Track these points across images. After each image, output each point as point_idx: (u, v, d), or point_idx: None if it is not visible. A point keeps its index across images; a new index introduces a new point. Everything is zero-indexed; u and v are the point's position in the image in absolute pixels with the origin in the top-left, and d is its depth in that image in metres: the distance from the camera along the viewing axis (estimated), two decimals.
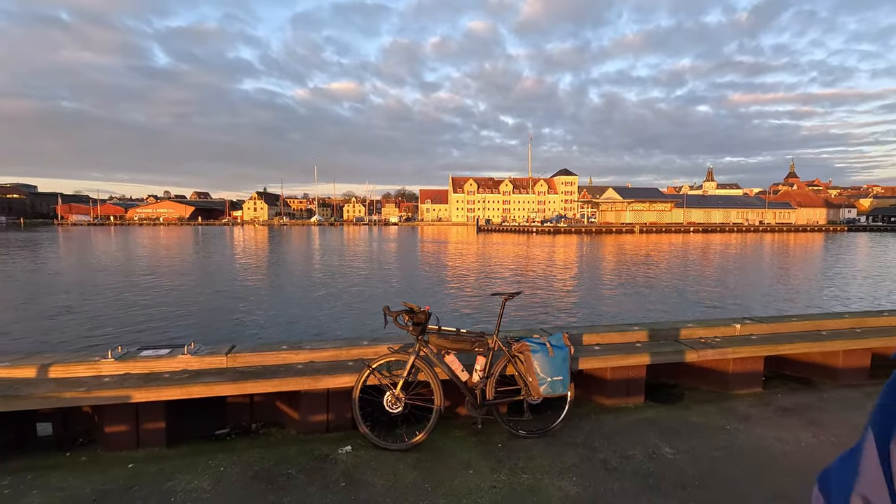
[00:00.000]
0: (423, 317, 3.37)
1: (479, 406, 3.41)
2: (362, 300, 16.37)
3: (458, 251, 41.18)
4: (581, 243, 54.20)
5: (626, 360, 4.00)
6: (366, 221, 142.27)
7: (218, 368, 3.49)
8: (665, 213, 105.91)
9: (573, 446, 3.31)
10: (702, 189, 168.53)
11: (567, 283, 21.37)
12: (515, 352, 3.44)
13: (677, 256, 36.40)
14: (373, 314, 13.76)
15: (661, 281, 22.25)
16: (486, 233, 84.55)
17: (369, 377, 3.36)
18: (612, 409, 3.96)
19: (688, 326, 4.64)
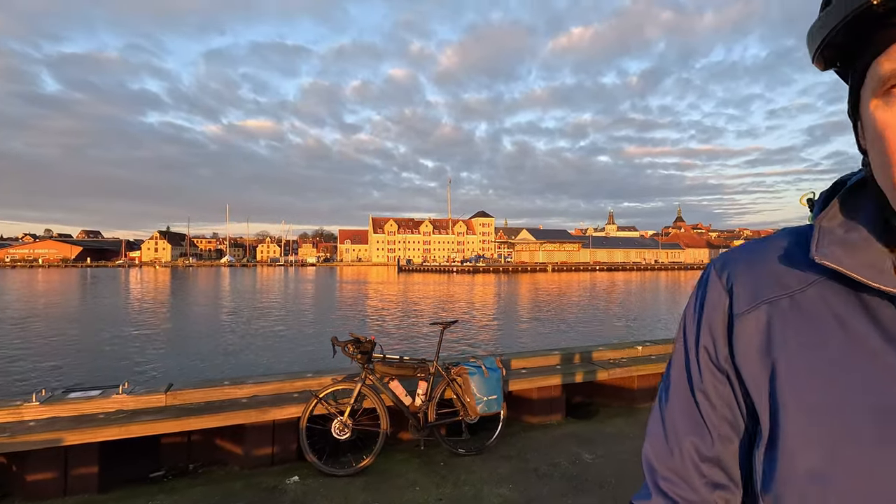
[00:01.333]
0: (369, 346, 3.62)
1: (422, 428, 3.67)
2: (273, 345, 15.79)
3: (379, 291, 40.98)
4: (499, 282, 56.38)
5: (549, 381, 4.49)
6: (281, 262, 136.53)
7: (157, 407, 3.43)
8: (574, 252, 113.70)
9: (507, 459, 3.66)
10: (604, 231, 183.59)
11: (490, 318, 22.19)
12: (454, 375, 3.78)
13: (586, 292, 39.20)
14: (287, 362, 13.34)
15: (573, 313, 23.90)
16: (407, 273, 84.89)
17: (317, 406, 3.50)
18: (539, 425, 4.39)
19: (598, 349, 5.28)
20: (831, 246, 0.46)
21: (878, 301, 0.44)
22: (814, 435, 0.44)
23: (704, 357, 0.55)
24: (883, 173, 0.41)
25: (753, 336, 0.50)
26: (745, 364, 0.51)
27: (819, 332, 0.46)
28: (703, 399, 0.55)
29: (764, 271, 0.52)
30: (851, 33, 0.41)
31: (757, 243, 0.56)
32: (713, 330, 0.54)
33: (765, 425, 0.49)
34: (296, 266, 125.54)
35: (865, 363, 0.43)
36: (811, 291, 0.48)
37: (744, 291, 0.52)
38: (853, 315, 0.45)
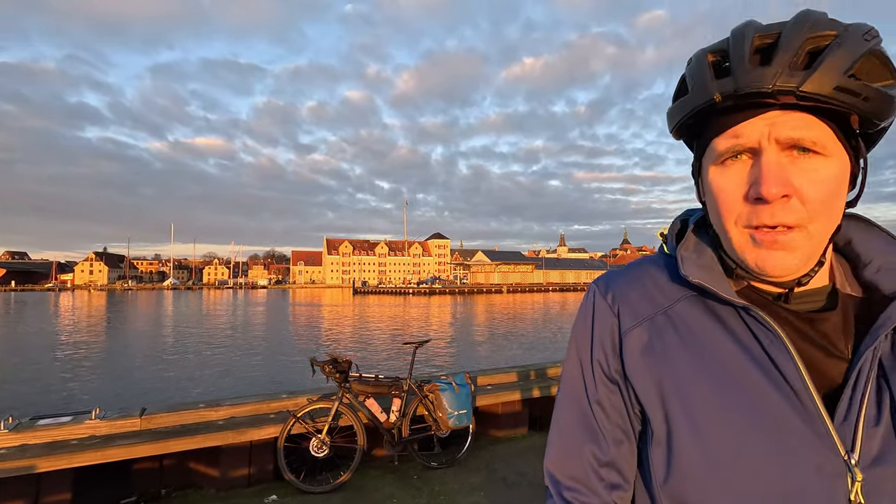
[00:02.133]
0: (346, 365, 3.79)
1: (396, 444, 3.85)
2: (221, 374, 15.30)
3: (335, 314, 40.28)
4: (455, 303, 56.74)
5: (513, 396, 4.78)
6: (230, 285, 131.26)
7: (132, 431, 3.44)
8: (528, 274, 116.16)
9: (478, 470, 3.89)
10: (556, 253, 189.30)
11: (449, 339, 22.37)
12: (427, 392, 4.00)
13: (540, 311, 40.21)
14: (236, 392, 12.98)
15: (530, 331, 24.51)
16: (362, 295, 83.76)
17: (295, 425, 3.61)
18: (504, 438, 4.65)
19: (556, 365, 5.64)
20: (692, 268, 0.59)
21: (727, 311, 0.57)
22: (697, 429, 0.54)
23: (598, 370, 0.64)
24: (715, 222, 0.58)
25: (639, 349, 0.60)
26: (635, 374, 0.60)
27: (689, 340, 0.58)
28: (598, 409, 0.63)
29: (641, 293, 0.63)
30: (698, 117, 0.57)
31: (629, 268, 0.68)
32: (604, 346, 0.63)
33: (657, 427, 0.58)
34: (245, 289, 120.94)
35: (724, 361, 0.55)
36: (679, 307, 0.60)
37: (628, 311, 0.63)
38: (711, 323, 0.58)
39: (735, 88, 0.51)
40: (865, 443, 0.50)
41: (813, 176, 0.51)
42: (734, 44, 0.53)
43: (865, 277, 0.58)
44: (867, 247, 0.60)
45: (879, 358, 0.53)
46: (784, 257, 0.52)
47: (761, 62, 0.51)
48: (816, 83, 0.48)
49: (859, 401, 0.51)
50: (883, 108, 0.51)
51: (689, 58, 0.59)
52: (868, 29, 0.51)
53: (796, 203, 0.51)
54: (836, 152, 0.52)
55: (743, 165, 0.53)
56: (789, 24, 0.52)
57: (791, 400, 0.51)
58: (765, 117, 0.51)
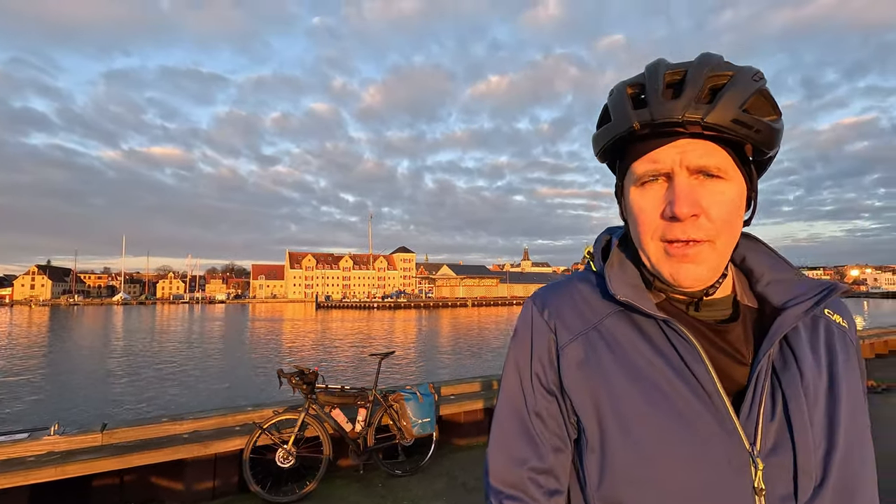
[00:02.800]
0: (313, 377, 3.88)
1: (362, 453, 3.95)
2: (174, 390, 14.79)
3: (296, 329, 39.45)
4: (421, 317, 56.63)
5: (474, 405, 4.97)
6: (186, 299, 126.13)
7: (93, 446, 3.41)
8: (492, 287, 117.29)
9: (440, 476, 4.04)
10: (520, 267, 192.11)
11: (414, 352, 22.34)
12: (391, 402, 4.13)
13: (505, 323, 40.69)
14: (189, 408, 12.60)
15: (494, 344, 24.80)
16: (325, 309, 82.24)
17: (261, 437, 3.66)
18: (467, 446, 4.82)
19: None
20: (620, 286, 0.65)
21: (649, 323, 0.64)
22: (628, 434, 0.59)
23: (537, 382, 0.68)
24: (636, 238, 0.65)
25: (576, 364, 0.65)
26: (572, 387, 0.65)
27: (618, 353, 0.63)
28: (537, 420, 0.67)
29: (573, 309, 0.69)
30: (619, 143, 0.64)
31: (561, 285, 0.73)
32: (542, 360, 0.68)
33: (591, 435, 0.63)
34: (202, 303, 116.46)
35: (648, 371, 0.61)
36: (608, 322, 0.66)
37: (563, 326, 0.67)
38: (636, 336, 0.64)
39: (651, 118, 0.59)
40: (764, 436, 0.57)
41: (718, 198, 0.59)
42: (649, 78, 0.61)
43: (758, 290, 0.68)
44: (759, 263, 0.70)
45: (773, 362, 0.62)
46: (694, 269, 0.60)
47: (672, 96, 0.59)
48: (718, 115, 0.57)
49: (759, 399, 0.59)
50: (770, 139, 0.60)
51: (610, 89, 0.66)
52: (756, 71, 0.60)
53: (704, 221, 0.59)
54: (734, 177, 0.60)
55: (659, 187, 0.61)
56: (694, 64, 0.60)
57: (705, 402, 0.58)
58: (676, 145, 0.59)
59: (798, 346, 0.63)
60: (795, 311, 0.62)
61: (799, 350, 0.62)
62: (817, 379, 0.61)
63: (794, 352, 0.62)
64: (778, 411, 0.58)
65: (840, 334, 0.66)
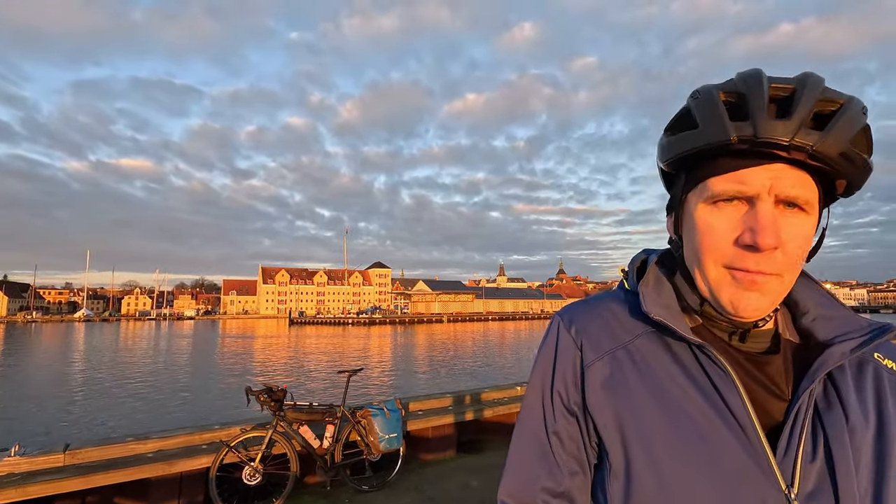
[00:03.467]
0: (281, 394, 3.95)
1: (329, 469, 4.02)
2: (136, 413, 14.38)
3: (268, 346, 38.66)
4: (396, 333, 56.25)
5: (443, 420, 5.09)
6: (153, 316, 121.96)
7: (55, 467, 3.39)
8: (468, 303, 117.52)
9: (407, 491, 4.14)
10: (496, 282, 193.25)
11: (388, 370, 22.21)
12: (359, 418, 4.22)
13: (479, 339, 40.83)
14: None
15: (468, 360, 24.88)
16: (299, 325, 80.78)
17: (227, 455, 3.70)
18: (434, 461, 4.92)
19: (485, 391, 6.03)
20: (654, 305, 0.61)
21: (682, 347, 0.60)
22: (653, 461, 0.56)
23: (558, 401, 0.64)
24: (693, 257, 0.59)
25: (601, 382, 0.61)
26: (596, 407, 0.61)
27: (647, 374, 0.60)
28: (555, 440, 0.64)
29: (603, 326, 0.65)
30: (699, 153, 0.57)
31: (592, 302, 0.69)
32: (566, 378, 0.64)
33: (615, 459, 0.59)
34: (170, 320, 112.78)
35: (678, 396, 0.57)
36: (638, 342, 0.62)
37: (590, 344, 0.64)
38: (668, 359, 0.60)
39: (754, 134, 0.52)
40: (803, 478, 0.53)
41: (797, 231, 0.55)
42: (752, 90, 0.54)
43: (803, 325, 0.63)
44: (805, 297, 0.65)
45: (815, 399, 0.57)
46: (758, 299, 0.56)
47: (778, 114, 0.53)
48: (828, 145, 0.51)
49: (798, 438, 0.54)
50: (863, 178, 0.56)
51: (693, 91, 0.59)
52: (864, 105, 0.55)
53: (780, 255, 0.54)
54: (814, 212, 0.56)
55: (736, 210, 0.56)
56: (804, 82, 0.54)
57: (738, 435, 0.54)
58: (770, 168, 0.54)
59: (843, 387, 0.58)
60: (842, 348, 0.58)
61: (844, 391, 0.58)
62: (863, 425, 0.56)
63: (838, 392, 0.58)
64: (819, 452, 0.54)
65: (892, 380, 0.60)
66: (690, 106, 0.58)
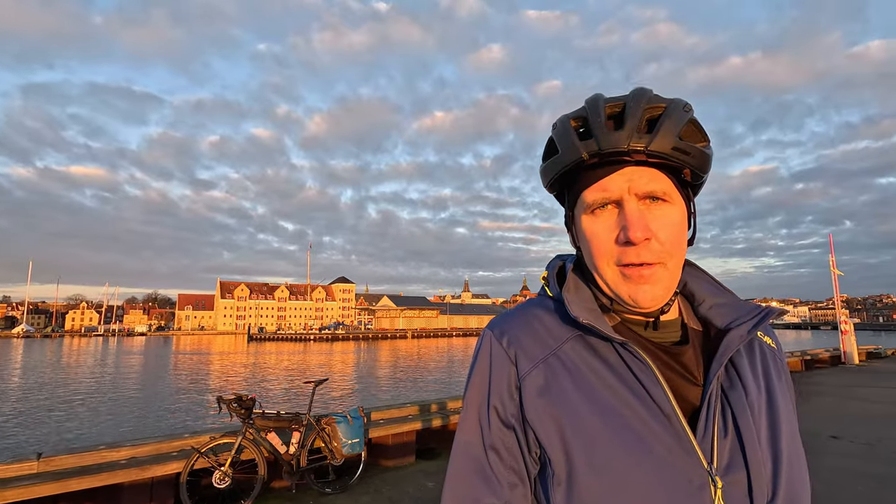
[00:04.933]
0: (251, 402, 4.23)
1: (294, 473, 4.30)
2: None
3: (224, 364, 37.57)
4: (359, 349, 55.73)
5: (403, 428, 5.43)
6: (100, 332, 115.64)
7: (29, 474, 3.54)
8: (433, 319, 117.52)
9: (367, 493, 4.46)
10: (461, 298, 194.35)
11: (351, 383, 22.13)
12: (324, 425, 4.53)
13: (445, 354, 41.04)
14: None
15: (432, 375, 25.09)
16: (258, 342, 78.62)
17: (198, 460, 3.93)
18: (394, 467, 5.25)
19: (444, 401, 6.43)
20: (580, 310, 0.65)
21: (606, 347, 0.65)
22: (594, 462, 0.59)
23: (494, 416, 0.66)
24: (591, 263, 0.67)
25: (537, 392, 0.64)
26: (535, 417, 0.64)
27: (578, 377, 0.64)
28: (493, 454, 0.65)
29: (532, 336, 0.68)
30: (567, 174, 0.67)
31: (518, 312, 0.72)
32: (501, 391, 0.66)
33: (558, 466, 0.61)
34: (119, 336, 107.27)
35: (608, 395, 0.62)
36: (567, 347, 0.66)
37: (524, 355, 0.66)
38: (595, 360, 0.65)
39: (598, 148, 0.61)
40: (719, 454, 0.59)
41: (665, 221, 0.62)
42: (591, 111, 0.64)
43: (701, 313, 0.71)
44: (698, 288, 0.73)
45: (720, 381, 0.64)
46: (651, 289, 0.62)
47: (615, 127, 0.62)
48: (659, 143, 0.60)
49: (712, 419, 0.60)
50: (704, 163, 0.64)
51: (553, 123, 0.68)
52: (685, 103, 0.64)
53: (655, 244, 0.61)
54: (677, 200, 0.64)
55: (610, 214, 0.63)
56: (631, 97, 0.64)
57: (664, 423, 0.59)
58: (623, 172, 0.62)
59: (741, 366, 0.66)
60: (739, 333, 0.65)
61: (742, 370, 0.65)
62: (758, 397, 0.64)
63: (738, 371, 0.65)
64: (729, 429, 0.61)
65: (772, 354, 0.70)
66: (552, 135, 0.69)
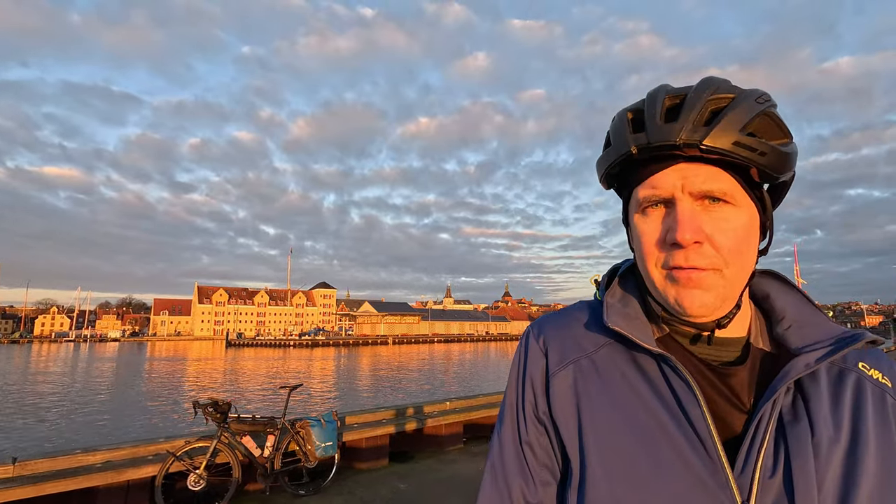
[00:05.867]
0: (226, 407, 4.36)
1: (269, 475, 4.44)
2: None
3: (200, 371, 36.98)
4: (339, 355, 55.35)
5: (375, 432, 5.61)
6: (72, 337, 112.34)
7: (5, 478, 3.62)
8: (414, 325, 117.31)
9: (340, 494, 4.61)
10: (443, 304, 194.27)
11: (328, 390, 22.08)
12: (298, 428, 4.68)
13: (426, 361, 41.11)
14: None
15: (412, 384, 25.17)
16: (237, 347, 77.38)
17: (174, 464, 4.05)
18: (368, 469, 5.42)
19: (417, 405, 6.61)
20: (615, 316, 0.62)
21: (646, 358, 0.61)
22: (609, 471, 0.56)
23: (529, 411, 0.66)
24: (641, 265, 0.62)
25: (564, 391, 0.63)
26: (560, 415, 0.63)
27: (609, 384, 0.61)
28: (528, 449, 0.65)
29: (569, 336, 0.66)
30: (622, 168, 0.63)
31: (562, 312, 0.71)
32: (535, 387, 0.66)
33: (576, 468, 0.59)
34: (91, 342, 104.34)
35: (638, 407, 0.58)
36: (603, 352, 0.64)
37: (555, 353, 0.65)
38: (631, 369, 0.61)
39: (648, 142, 0.57)
40: (760, 494, 0.52)
41: (723, 224, 0.56)
42: (648, 103, 0.60)
43: (777, 333, 0.62)
44: (782, 303, 0.64)
45: (781, 412, 0.56)
46: (701, 295, 0.56)
47: (669, 119, 0.57)
48: (716, 138, 0.54)
49: (756, 452, 0.53)
50: (778, 163, 0.56)
51: (613, 116, 0.65)
52: (762, 94, 0.58)
53: (709, 248, 0.56)
54: (743, 203, 0.57)
55: (660, 213, 0.59)
56: (694, 87, 0.59)
57: (697, 448, 0.54)
58: (676, 168, 0.57)
59: (814, 398, 0.57)
60: (808, 358, 0.57)
61: (814, 403, 0.57)
62: (833, 439, 0.54)
63: (807, 405, 0.57)
64: (780, 468, 0.53)
65: (877, 392, 0.59)
66: (609, 128, 0.65)
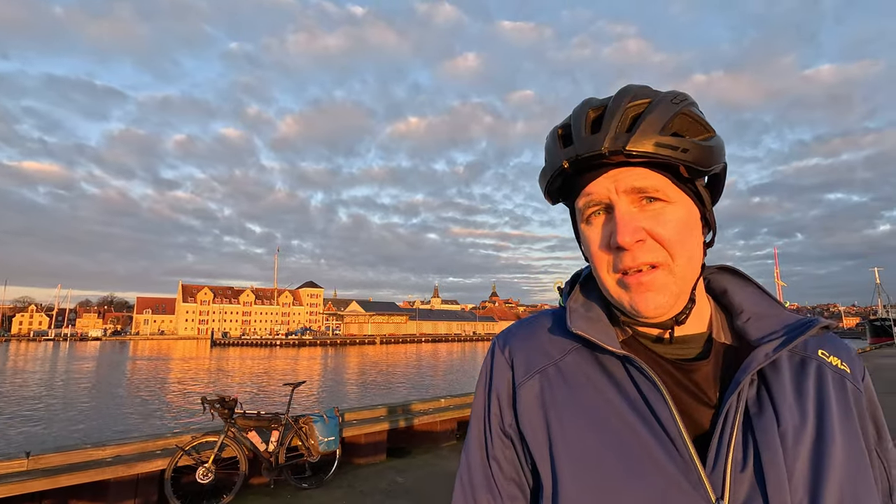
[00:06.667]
0: (233, 403, 4.51)
1: (273, 469, 4.60)
2: None
3: (182, 371, 36.64)
4: (326, 355, 55.21)
5: (375, 428, 5.80)
6: (50, 336, 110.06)
7: (19, 471, 3.73)
8: (402, 325, 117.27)
9: (341, 487, 4.80)
10: (430, 304, 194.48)
11: (317, 390, 22.13)
12: (301, 424, 4.85)
13: (413, 361, 41.26)
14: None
15: (400, 387, 25.33)
16: (222, 347, 76.63)
17: (182, 458, 4.19)
18: (367, 464, 5.60)
19: (413, 403, 6.82)
20: (579, 321, 0.63)
21: (611, 360, 0.61)
22: (581, 480, 0.55)
23: (495, 425, 0.65)
24: (595, 272, 0.63)
25: (531, 402, 0.62)
26: (528, 427, 0.61)
27: (576, 390, 0.60)
28: (494, 464, 0.64)
29: (535, 345, 0.66)
30: (563, 182, 0.64)
31: (527, 322, 0.71)
32: (500, 399, 0.65)
33: (546, 480, 0.58)
34: (71, 341, 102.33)
35: (607, 411, 0.58)
36: (569, 358, 0.63)
37: (521, 363, 0.65)
38: (597, 373, 0.61)
39: (577, 154, 0.59)
40: (733, 489, 0.52)
41: (660, 218, 0.58)
42: (574, 118, 0.63)
43: (737, 326, 0.63)
44: (740, 297, 0.65)
45: (746, 404, 0.56)
46: (654, 297, 0.57)
47: (594, 130, 0.59)
48: (638, 142, 0.56)
49: (726, 447, 0.53)
50: (702, 157, 0.57)
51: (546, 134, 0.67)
52: (677, 94, 0.60)
53: (652, 243, 0.57)
54: (678, 199, 0.59)
55: (602, 219, 0.61)
56: (613, 97, 0.61)
57: (668, 448, 0.54)
58: (608, 175, 0.59)
59: (778, 388, 0.57)
60: (767, 349, 0.58)
61: (777, 393, 0.57)
62: (799, 427, 0.54)
63: (771, 395, 0.57)
64: (750, 461, 0.53)
65: (837, 378, 0.59)
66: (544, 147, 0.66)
